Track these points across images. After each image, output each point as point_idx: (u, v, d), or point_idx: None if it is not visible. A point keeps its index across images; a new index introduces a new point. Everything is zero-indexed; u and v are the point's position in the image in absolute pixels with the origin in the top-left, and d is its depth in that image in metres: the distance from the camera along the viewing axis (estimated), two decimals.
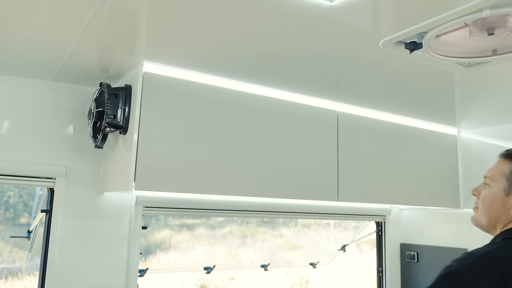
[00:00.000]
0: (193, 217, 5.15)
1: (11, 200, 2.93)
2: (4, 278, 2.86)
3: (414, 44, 1.53)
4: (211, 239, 5.25)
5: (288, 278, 5.65)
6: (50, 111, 2.04)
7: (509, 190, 1.44)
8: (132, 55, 1.76)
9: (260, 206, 2.55)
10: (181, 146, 1.87)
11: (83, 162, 2.08)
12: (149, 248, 5.09)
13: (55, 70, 1.91)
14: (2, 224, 2.85)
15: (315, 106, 2.31)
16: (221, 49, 1.68)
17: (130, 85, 1.87)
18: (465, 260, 1.30)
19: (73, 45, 1.63)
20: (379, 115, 2.57)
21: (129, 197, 2.15)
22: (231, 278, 5.44)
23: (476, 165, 2.77)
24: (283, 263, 5.86)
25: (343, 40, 1.57)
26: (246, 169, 2.02)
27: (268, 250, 5.36)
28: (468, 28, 1.47)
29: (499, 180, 1.47)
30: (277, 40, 1.58)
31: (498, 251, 1.35)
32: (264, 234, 5.51)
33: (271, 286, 5.50)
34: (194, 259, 5.24)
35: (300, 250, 5.36)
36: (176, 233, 5.26)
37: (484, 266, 1.28)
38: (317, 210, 2.76)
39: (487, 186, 1.50)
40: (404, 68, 1.83)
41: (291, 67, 1.85)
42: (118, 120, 1.83)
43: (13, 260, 2.75)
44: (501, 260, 1.31)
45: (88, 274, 2.05)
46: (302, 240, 5.33)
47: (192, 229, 5.25)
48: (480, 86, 2.05)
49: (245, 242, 5.35)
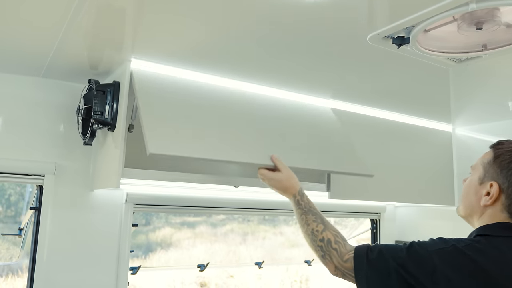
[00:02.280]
0: (194, 215, 5.15)
1: (12, 199, 2.94)
2: (4, 275, 2.87)
3: (402, 39, 1.51)
4: (212, 237, 5.25)
5: (288, 275, 5.64)
6: (39, 108, 2.03)
7: (483, 179, 1.42)
8: (120, 51, 1.75)
9: (253, 204, 2.54)
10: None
11: (72, 159, 2.07)
12: (150, 246, 5.10)
13: (43, 66, 1.90)
14: (2, 222, 2.86)
15: (308, 103, 2.29)
16: (210, 46, 1.66)
17: (118, 81, 1.86)
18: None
19: (59, 39, 1.61)
20: (372, 111, 2.55)
21: (119, 194, 2.14)
22: (231, 275, 5.44)
23: (471, 162, 2.72)
24: (281, 260, 5.86)
25: (331, 36, 1.55)
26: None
27: (268, 248, 5.36)
28: (457, 22, 1.45)
29: (477, 169, 1.46)
30: (260, 34, 1.56)
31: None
32: (265, 232, 5.51)
33: (270, 284, 5.50)
34: (194, 257, 5.25)
35: (300, 248, 5.35)
36: (177, 231, 5.27)
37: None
38: None
39: (470, 175, 1.49)
40: (397, 64, 1.81)
41: (274, 63, 1.84)
42: (106, 116, 1.82)
43: (10, 257, 2.76)
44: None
45: (78, 272, 2.04)
46: (302, 238, 5.31)
47: (193, 227, 5.26)
48: (474, 82, 2.03)
49: (245, 240, 5.35)
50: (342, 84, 2.11)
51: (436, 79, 1.99)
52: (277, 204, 2.61)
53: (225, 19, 1.44)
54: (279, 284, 5.52)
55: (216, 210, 2.46)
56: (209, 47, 1.68)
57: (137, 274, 2.51)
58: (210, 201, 2.38)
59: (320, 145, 2.12)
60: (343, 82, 2.07)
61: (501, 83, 2.02)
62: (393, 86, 2.11)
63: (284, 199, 1.76)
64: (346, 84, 2.12)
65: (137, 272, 2.50)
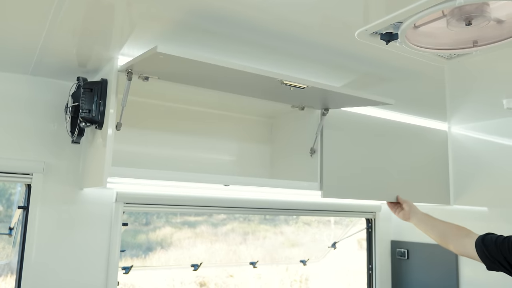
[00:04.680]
0: (195, 215, 5.15)
1: (12, 198, 2.93)
2: (4, 275, 2.86)
3: (390, 35, 1.48)
4: (213, 237, 5.24)
5: (287, 275, 5.62)
6: (28, 106, 2.01)
7: None
8: (108, 48, 1.73)
9: (244, 203, 2.51)
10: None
11: (61, 158, 2.05)
12: (150, 246, 5.09)
13: (30, 64, 1.88)
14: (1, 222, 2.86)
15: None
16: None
17: (106, 79, 1.84)
18: None
19: (43, 35, 1.58)
20: (367, 110, 2.51)
21: (109, 193, 2.12)
22: (230, 275, 5.42)
23: (467, 160, 2.71)
24: (281, 260, 5.85)
25: (322, 30, 1.53)
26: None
27: (268, 248, 5.34)
28: (446, 18, 1.42)
29: None
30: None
31: None
32: (265, 231, 5.49)
33: (270, 283, 5.48)
34: (194, 257, 5.24)
35: (300, 247, 5.33)
36: (178, 230, 5.26)
37: None
38: (307, 207, 2.71)
39: None
40: (393, 62, 1.79)
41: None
42: (93, 114, 1.80)
43: (6, 256, 2.75)
44: None
45: (67, 272, 2.02)
46: (302, 238, 5.30)
47: (193, 226, 5.25)
48: (469, 80, 2.00)
49: (246, 239, 5.33)
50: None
51: (432, 78, 1.96)
52: (277, 204, 2.59)
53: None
54: (279, 283, 5.50)
55: (210, 209, 2.43)
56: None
57: (129, 273, 2.50)
58: (203, 200, 2.36)
59: None
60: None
61: (495, 81, 1.99)
62: (387, 84, 2.08)
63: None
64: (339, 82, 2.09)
65: (129, 272, 2.48)
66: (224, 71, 1.62)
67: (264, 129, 2.57)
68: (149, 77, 1.79)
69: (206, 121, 2.37)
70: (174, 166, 2.23)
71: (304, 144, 2.29)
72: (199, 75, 1.75)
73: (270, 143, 2.57)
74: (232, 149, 2.46)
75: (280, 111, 2.42)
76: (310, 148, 2.25)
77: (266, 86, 1.83)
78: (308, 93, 1.90)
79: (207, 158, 2.38)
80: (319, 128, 2.22)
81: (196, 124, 2.34)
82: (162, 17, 1.44)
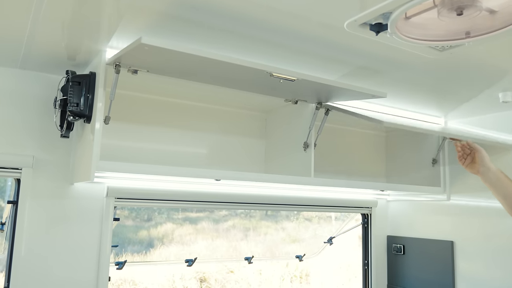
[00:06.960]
0: (196, 211, 5.14)
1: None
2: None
3: (380, 26, 1.45)
4: (214, 233, 5.24)
5: (288, 271, 5.61)
6: (16, 100, 1.99)
7: None
8: (96, 40, 1.70)
9: (233, 198, 2.48)
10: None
11: (51, 152, 2.03)
12: (151, 241, 5.09)
13: (19, 57, 1.86)
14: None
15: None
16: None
17: (95, 72, 1.81)
18: None
19: (28, 26, 1.56)
20: (364, 105, 2.48)
21: (100, 188, 2.10)
22: (231, 271, 5.42)
23: None
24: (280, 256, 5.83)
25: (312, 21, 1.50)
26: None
27: (269, 243, 5.33)
28: (437, 8, 1.38)
29: None
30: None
31: None
32: (266, 227, 5.48)
33: (270, 279, 5.47)
34: (195, 253, 5.24)
35: (301, 243, 5.32)
36: (179, 226, 5.26)
37: None
38: (302, 202, 2.69)
39: None
40: (386, 54, 1.75)
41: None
42: (81, 108, 1.77)
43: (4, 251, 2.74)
44: None
45: (57, 267, 2.00)
46: (303, 234, 5.29)
47: (195, 223, 5.25)
48: (464, 73, 1.96)
49: (247, 235, 5.32)
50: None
51: (427, 71, 1.93)
52: (272, 199, 2.57)
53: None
54: (279, 279, 5.50)
55: (202, 204, 2.39)
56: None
57: (123, 269, 2.48)
58: (196, 195, 2.33)
59: None
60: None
61: (491, 74, 1.96)
62: (384, 78, 2.05)
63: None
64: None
65: (123, 267, 2.46)
66: (211, 63, 1.60)
67: (259, 123, 2.54)
68: (138, 70, 1.76)
69: (198, 115, 2.35)
70: (165, 161, 2.21)
71: (298, 139, 2.26)
72: (187, 68, 1.73)
73: (265, 137, 2.54)
74: (224, 143, 2.44)
75: (274, 105, 2.39)
76: (303, 142, 2.21)
77: (256, 79, 1.80)
78: (300, 86, 1.88)
79: (198, 152, 2.36)
80: (312, 122, 2.19)
81: (188, 118, 2.32)
82: (150, 7, 1.41)
